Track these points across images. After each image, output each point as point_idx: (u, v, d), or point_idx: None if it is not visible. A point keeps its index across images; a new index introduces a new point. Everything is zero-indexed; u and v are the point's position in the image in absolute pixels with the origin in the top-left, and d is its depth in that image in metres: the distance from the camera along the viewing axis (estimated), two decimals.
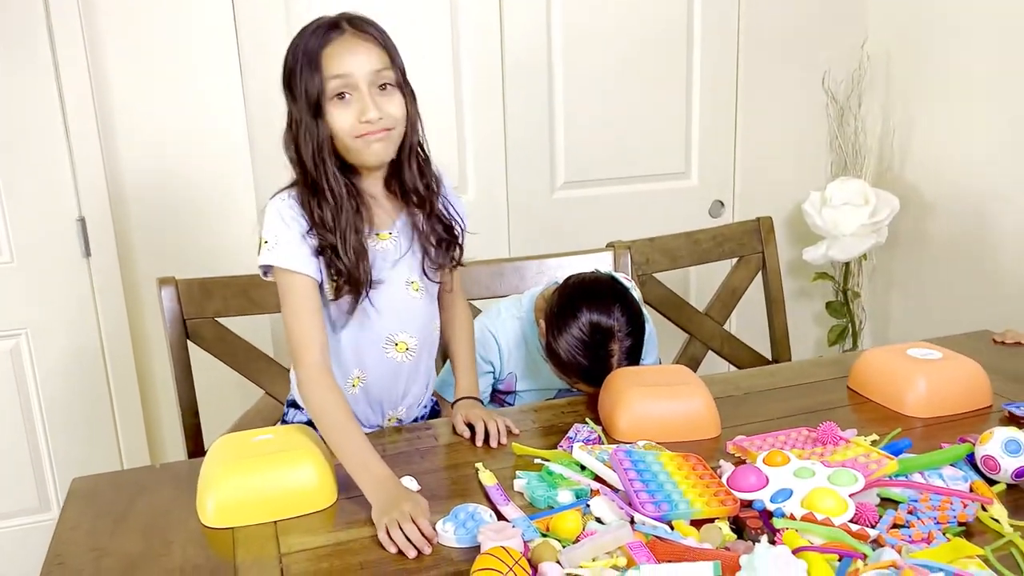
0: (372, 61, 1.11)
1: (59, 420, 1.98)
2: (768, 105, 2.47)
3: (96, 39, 1.87)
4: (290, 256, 1.13)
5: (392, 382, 1.28)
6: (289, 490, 1.03)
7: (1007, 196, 2.16)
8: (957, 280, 2.33)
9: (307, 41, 1.12)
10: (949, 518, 0.94)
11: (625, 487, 1.00)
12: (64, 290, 1.93)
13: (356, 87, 1.11)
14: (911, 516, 0.95)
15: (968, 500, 0.97)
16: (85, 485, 1.13)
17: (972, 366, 1.29)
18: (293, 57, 1.13)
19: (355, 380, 1.26)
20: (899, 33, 2.42)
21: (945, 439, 1.15)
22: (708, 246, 1.88)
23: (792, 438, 1.15)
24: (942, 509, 0.96)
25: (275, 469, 1.04)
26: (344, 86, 1.10)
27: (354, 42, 1.11)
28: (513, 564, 0.83)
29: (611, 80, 2.31)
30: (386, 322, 1.23)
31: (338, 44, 1.11)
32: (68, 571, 0.93)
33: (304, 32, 1.13)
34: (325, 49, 1.10)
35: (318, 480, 1.04)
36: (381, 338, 1.24)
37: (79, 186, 1.89)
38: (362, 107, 1.11)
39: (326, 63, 1.10)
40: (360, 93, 1.11)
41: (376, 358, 1.25)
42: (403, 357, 1.26)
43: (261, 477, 1.03)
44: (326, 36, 1.11)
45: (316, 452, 1.07)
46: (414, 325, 1.26)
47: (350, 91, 1.11)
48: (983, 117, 2.20)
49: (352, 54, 1.11)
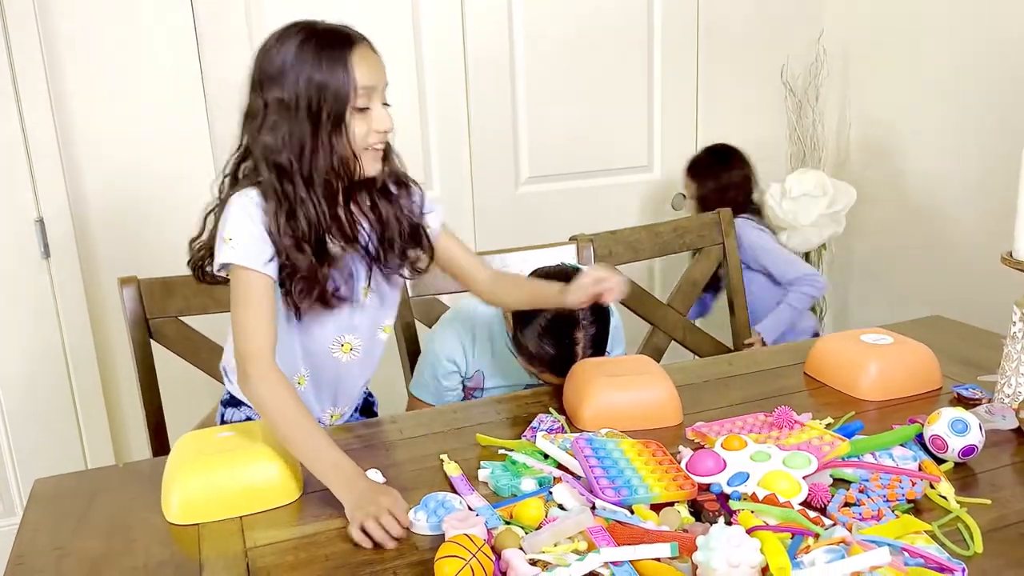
0: (385, 74, 1.12)
1: (21, 423, 1.96)
2: (728, 98, 2.50)
3: (53, 37, 1.84)
4: (251, 255, 1.10)
5: (335, 380, 1.29)
6: (254, 485, 1.03)
7: (958, 186, 2.22)
8: (912, 267, 2.39)
9: (320, 45, 1.07)
10: (898, 496, 0.97)
11: (586, 473, 1.01)
12: (24, 291, 1.90)
13: (374, 98, 1.11)
14: (861, 495, 0.98)
15: (916, 479, 1.00)
16: (47, 486, 1.12)
17: (922, 350, 1.33)
18: (292, 61, 1.07)
19: (300, 379, 1.27)
20: (855, 27, 2.47)
21: (897, 421, 1.18)
22: (669, 238, 1.90)
23: (749, 423, 1.18)
24: (891, 488, 0.99)
25: (239, 465, 1.04)
26: (368, 97, 1.10)
27: (371, 53, 1.11)
28: (476, 551, 0.84)
29: (573, 75, 2.33)
30: (335, 325, 1.23)
31: (361, 54, 1.09)
32: (29, 571, 0.93)
33: (306, 36, 1.08)
34: (352, 57, 1.08)
35: (282, 475, 1.05)
36: (328, 339, 1.25)
37: (37, 187, 1.87)
38: (379, 118, 1.11)
39: (356, 72, 1.08)
40: (376, 104, 1.11)
41: (322, 358, 1.26)
42: (348, 357, 1.27)
43: (225, 473, 1.03)
44: (346, 44, 1.08)
45: (281, 448, 1.08)
46: (362, 327, 1.26)
47: (371, 102, 1.11)
48: (935, 110, 2.26)
49: (373, 66, 1.10)
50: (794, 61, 2.51)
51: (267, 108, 1.09)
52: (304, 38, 1.08)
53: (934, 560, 0.83)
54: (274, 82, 1.08)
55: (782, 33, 2.50)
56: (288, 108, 1.08)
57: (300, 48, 1.07)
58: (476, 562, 0.83)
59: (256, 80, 1.11)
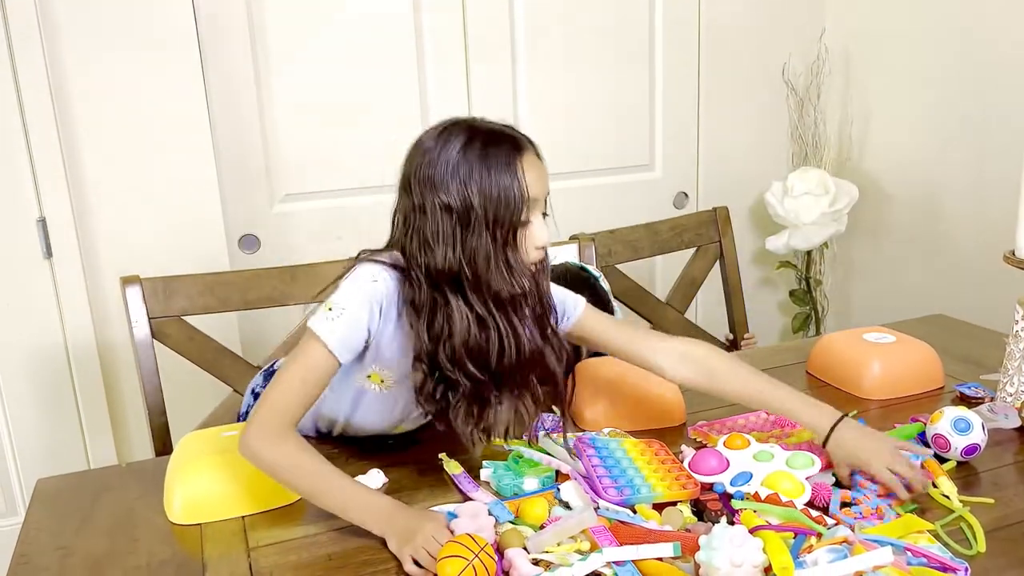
0: (548, 183, 1.03)
1: (24, 423, 1.96)
2: (730, 97, 2.50)
3: (54, 36, 1.84)
4: (341, 338, 0.99)
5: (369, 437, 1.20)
6: (256, 486, 1.03)
7: (961, 185, 2.21)
8: (914, 266, 2.39)
9: (488, 149, 0.98)
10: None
11: (588, 473, 1.02)
12: (26, 291, 1.90)
13: (536, 210, 1.02)
14: (856, 493, 0.98)
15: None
16: (50, 486, 1.13)
17: (925, 349, 1.33)
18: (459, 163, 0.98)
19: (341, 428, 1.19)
20: (856, 25, 2.46)
21: (899, 420, 1.18)
22: (667, 236, 1.90)
23: (751, 421, 1.18)
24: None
25: (242, 465, 1.04)
26: (531, 209, 1.00)
27: (536, 160, 1.02)
28: (479, 551, 0.84)
29: (574, 74, 2.32)
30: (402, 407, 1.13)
31: (528, 160, 1.00)
32: (33, 570, 0.93)
33: (470, 136, 0.99)
34: (519, 163, 0.98)
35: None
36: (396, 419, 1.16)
37: (39, 186, 1.87)
38: (539, 234, 1.01)
39: (524, 179, 0.98)
40: (538, 217, 1.02)
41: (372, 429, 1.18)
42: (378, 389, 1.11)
43: (228, 473, 1.03)
44: (515, 148, 0.99)
45: None
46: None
47: (532, 215, 1.01)
48: (938, 108, 2.25)
49: (537, 172, 1.01)
50: (796, 59, 2.51)
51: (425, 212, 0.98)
52: (469, 138, 0.99)
53: (937, 560, 0.84)
54: (441, 188, 0.97)
55: (784, 31, 2.50)
56: (461, 218, 0.97)
57: (466, 149, 0.98)
58: (479, 562, 0.83)
59: (414, 183, 1.00)
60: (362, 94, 2.12)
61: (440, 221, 0.97)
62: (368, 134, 2.12)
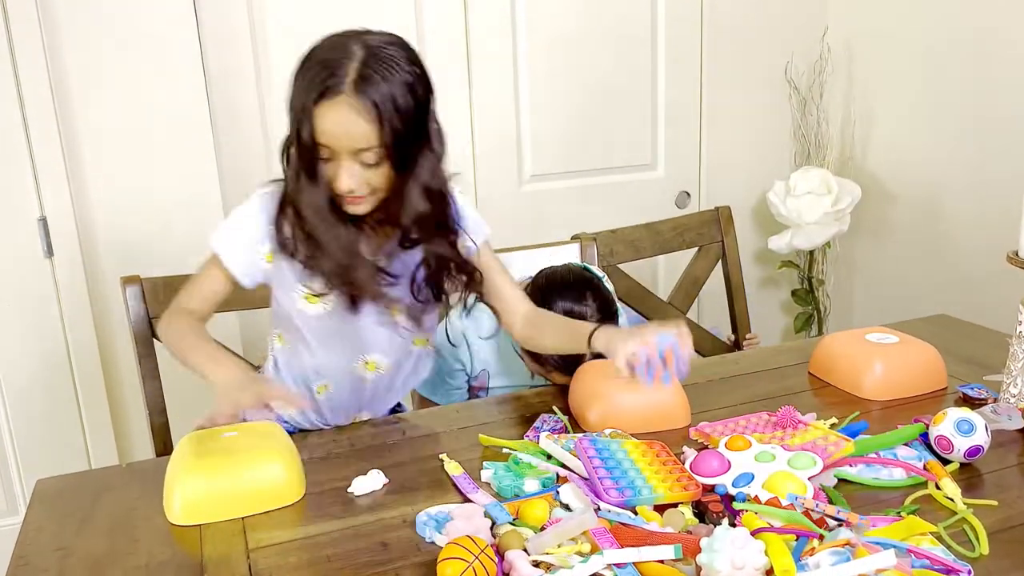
0: (359, 139, 1.02)
1: (25, 423, 1.96)
2: (732, 96, 2.50)
3: (55, 34, 1.84)
4: (229, 248, 1.16)
5: (355, 394, 1.28)
6: (256, 487, 1.02)
7: (963, 184, 2.21)
8: (917, 266, 2.38)
9: (305, 77, 1.03)
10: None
11: (589, 474, 1.01)
12: (26, 291, 1.90)
13: (337, 156, 1.05)
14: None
15: (915, 473, 1.00)
16: (50, 486, 1.12)
17: (928, 350, 1.32)
18: (293, 87, 1.05)
19: (320, 387, 1.27)
20: (859, 25, 2.46)
21: (902, 421, 1.18)
22: (669, 236, 1.90)
23: (753, 423, 1.18)
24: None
25: (241, 466, 1.04)
26: (328, 153, 1.05)
27: (347, 114, 1.01)
28: (479, 553, 0.84)
29: (576, 73, 2.32)
30: (360, 342, 1.23)
31: (331, 108, 1.01)
32: (32, 571, 0.93)
33: (311, 60, 1.04)
34: (317, 108, 1.01)
35: (286, 476, 1.04)
36: (353, 356, 1.24)
37: (40, 186, 1.87)
38: (334, 177, 1.06)
39: (317, 123, 1.02)
40: (338, 162, 1.05)
41: (343, 371, 1.25)
42: (372, 375, 1.27)
43: (228, 474, 1.03)
44: (323, 90, 1.01)
45: (284, 448, 1.07)
46: (389, 347, 1.25)
47: (332, 157, 1.05)
48: (940, 107, 2.25)
49: (340, 125, 1.02)
50: (798, 59, 2.50)
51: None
52: (302, 61, 1.05)
53: (940, 562, 0.83)
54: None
55: (786, 30, 2.49)
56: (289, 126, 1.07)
57: (298, 71, 1.05)
58: (479, 564, 0.83)
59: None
60: None
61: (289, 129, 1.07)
62: None
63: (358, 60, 1.01)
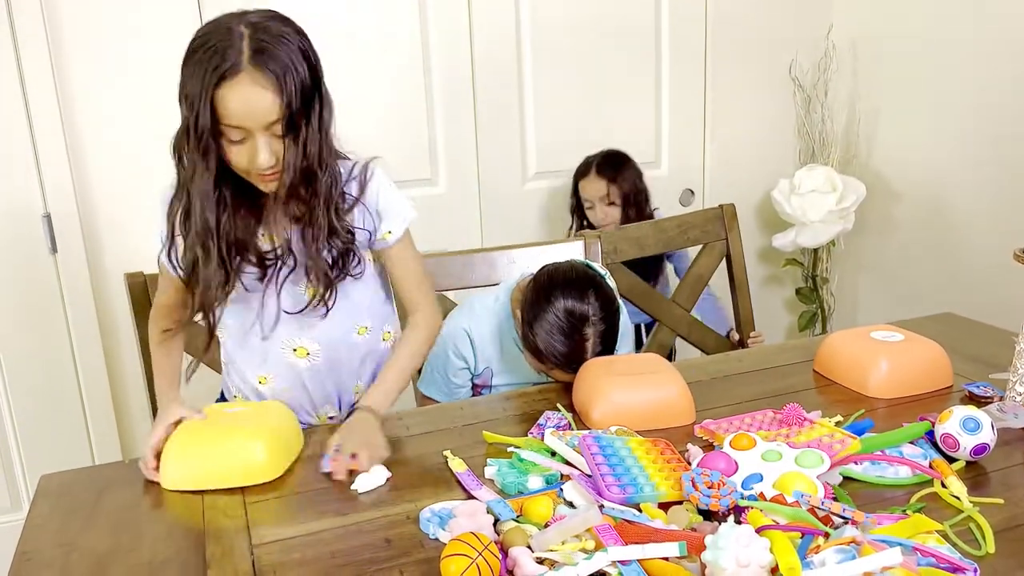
0: (268, 112, 1.03)
1: (29, 419, 1.96)
2: (736, 94, 2.49)
3: (59, 34, 1.84)
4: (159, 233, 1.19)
5: (296, 385, 1.28)
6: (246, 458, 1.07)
7: (969, 182, 2.20)
8: (922, 264, 2.37)
9: (198, 66, 1.02)
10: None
11: (592, 471, 1.01)
12: (31, 287, 1.91)
13: (250, 134, 1.05)
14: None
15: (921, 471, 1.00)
16: (54, 482, 1.12)
17: (934, 348, 1.31)
18: (184, 79, 1.05)
19: (260, 378, 1.28)
20: (864, 22, 2.45)
21: (907, 419, 1.17)
22: (673, 234, 1.89)
23: (758, 420, 1.17)
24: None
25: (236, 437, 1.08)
26: (239, 135, 1.05)
27: (251, 89, 1.01)
28: (483, 549, 0.84)
29: (580, 71, 2.31)
30: (281, 326, 1.23)
31: (233, 88, 1.01)
32: (36, 567, 0.93)
33: (198, 49, 1.03)
34: (219, 90, 1.01)
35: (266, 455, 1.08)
36: (279, 342, 1.25)
37: (44, 183, 1.87)
38: (251, 156, 1.06)
39: (220, 105, 1.02)
40: (254, 140, 1.05)
41: (276, 360, 1.26)
42: (305, 363, 1.27)
43: (221, 443, 1.08)
44: (221, 73, 1.01)
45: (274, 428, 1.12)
46: (313, 331, 1.25)
47: (244, 136, 1.05)
48: (946, 105, 2.24)
49: (247, 102, 1.02)
50: (803, 56, 2.49)
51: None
52: (192, 46, 1.04)
53: (946, 560, 0.83)
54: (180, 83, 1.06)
55: (791, 28, 2.49)
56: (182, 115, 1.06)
57: (186, 57, 1.05)
58: (483, 560, 0.83)
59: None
60: (367, 92, 2.11)
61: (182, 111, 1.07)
62: (373, 132, 2.12)
63: (247, 37, 1.02)
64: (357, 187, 1.20)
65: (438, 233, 2.20)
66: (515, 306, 1.45)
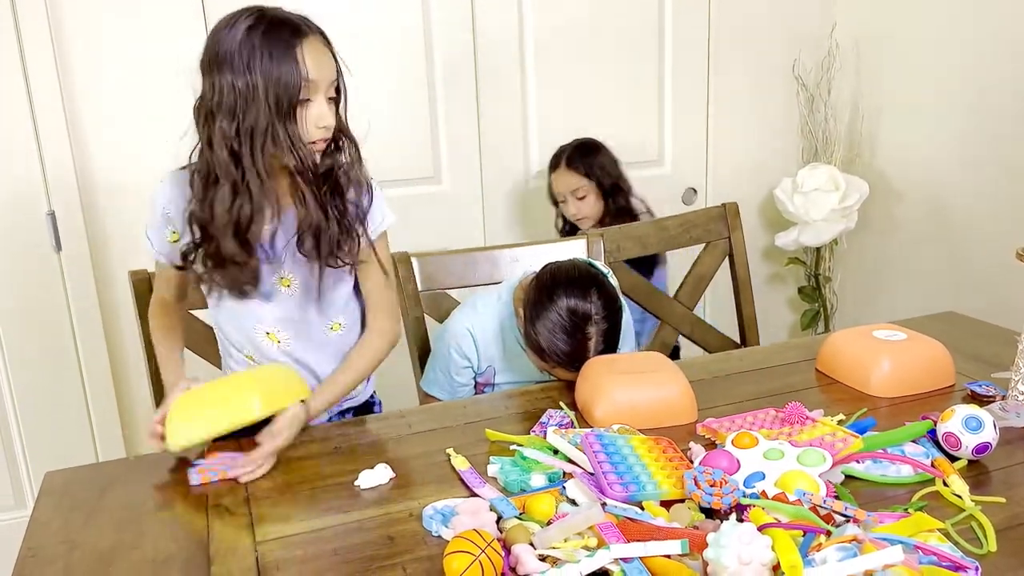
0: (332, 70, 1.12)
1: (33, 416, 1.97)
2: (739, 92, 2.49)
3: (63, 33, 1.85)
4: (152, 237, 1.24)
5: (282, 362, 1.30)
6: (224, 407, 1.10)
7: (972, 181, 2.20)
8: (924, 263, 2.37)
9: (272, 38, 1.07)
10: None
11: (595, 469, 1.01)
12: (35, 284, 1.91)
13: (318, 93, 1.11)
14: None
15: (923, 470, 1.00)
16: (58, 479, 1.13)
17: (936, 347, 1.31)
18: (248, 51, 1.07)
19: (247, 355, 1.31)
20: (867, 20, 2.44)
21: (909, 418, 1.17)
22: (676, 232, 1.89)
23: (760, 418, 1.18)
24: None
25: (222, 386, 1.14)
26: (312, 91, 1.10)
27: (321, 47, 1.11)
28: (485, 546, 0.84)
29: (583, 68, 2.32)
30: (254, 310, 1.26)
31: (310, 46, 1.09)
32: (41, 563, 0.93)
33: (255, 22, 1.08)
34: (298, 48, 1.07)
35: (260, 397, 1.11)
36: (252, 324, 1.28)
37: (48, 180, 1.88)
38: (320, 114, 1.11)
39: (303, 62, 1.07)
40: (320, 99, 1.11)
41: (257, 341, 1.29)
42: (277, 349, 1.29)
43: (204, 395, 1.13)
44: (295, 34, 1.08)
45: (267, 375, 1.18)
46: (283, 321, 1.27)
47: (313, 96, 1.10)
48: (949, 104, 2.23)
49: (319, 58, 1.10)
50: (806, 55, 2.49)
51: (221, 92, 1.09)
52: (253, 24, 1.08)
53: (947, 558, 0.83)
54: (226, 66, 1.08)
55: (794, 26, 2.48)
56: (242, 93, 1.08)
57: (249, 33, 1.07)
58: (485, 558, 0.83)
59: (206, 63, 1.11)
60: (371, 90, 2.11)
61: (225, 97, 1.08)
62: (376, 130, 2.12)
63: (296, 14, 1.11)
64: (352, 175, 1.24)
65: (441, 231, 2.21)
66: (518, 304, 1.46)
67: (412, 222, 1.38)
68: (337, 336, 1.31)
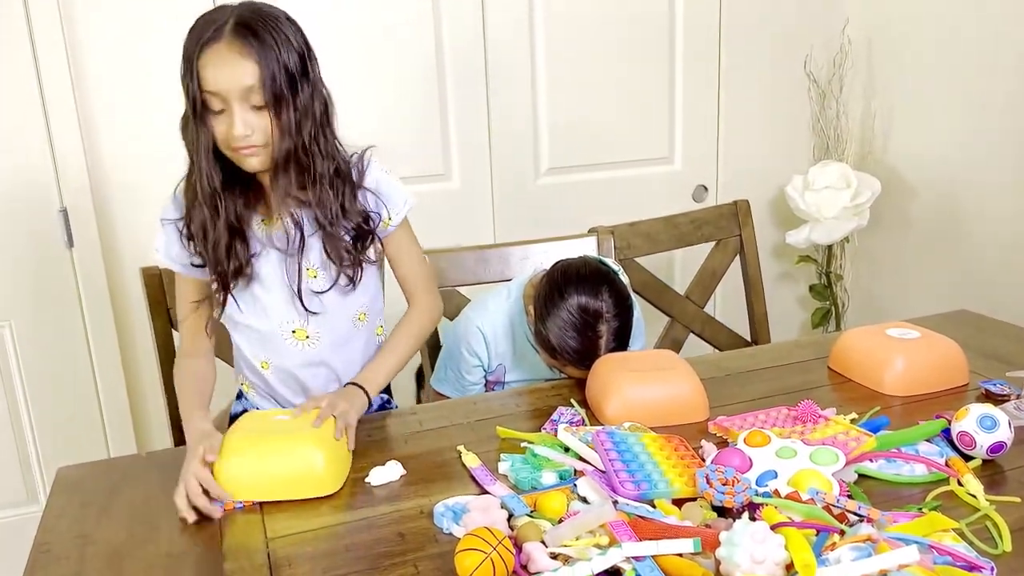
0: (244, 77, 1.06)
1: (45, 412, 1.98)
2: (750, 89, 2.48)
3: (76, 29, 1.85)
4: (163, 249, 1.24)
5: (299, 368, 1.29)
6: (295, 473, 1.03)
7: (985, 179, 2.18)
8: (937, 261, 2.36)
9: (188, 39, 1.08)
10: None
11: (606, 467, 1.01)
12: (48, 281, 1.92)
13: (228, 103, 1.08)
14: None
15: (937, 469, 0.99)
16: (71, 474, 1.13)
17: (950, 345, 1.30)
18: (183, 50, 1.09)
19: (263, 363, 1.30)
20: (880, 17, 2.43)
21: (923, 417, 1.16)
22: (687, 230, 1.89)
23: (772, 416, 1.17)
24: None
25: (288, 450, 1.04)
26: (218, 102, 1.08)
27: (228, 55, 1.06)
28: (497, 544, 0.84)
29: (594, 65, 2.31)
30: (279, 309, 1.25)
31: (212, 54, 1.06)
32: (54, 558, 0.94)
33: (195, 24, 1.09)
34: (200, 59, 1.06)
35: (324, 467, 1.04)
36: (277, 324, 1.26)
37: (60, 177, 1.88)
38: (230, 124, 1.08)
39: (201, 73, 1.06)
40: (231, 110, 1.08)
41: (277, 343, 1.27)
42: (303, 346, 1.27)
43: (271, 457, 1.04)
44: (203, 41, 1.06)
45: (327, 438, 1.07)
46: (315, 316, 1.25)
47: (223, 105, 1.08)
48: (961, 101, 2.22)
49: (223, 67, 1.06)
50: (818, 51, 2.48)
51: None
52: (190, 27, 1.09)
53: (962, 558, 0.82)
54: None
55: (805, 23, 2.47)
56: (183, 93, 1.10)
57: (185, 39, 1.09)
58: (497, 555, 0.83)
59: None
60: (381, 88, 2.11)
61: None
62: (386, 128, 2.12)
63: (235, 12, 1.08)
64: (356, 175, 1.22)
65: (451, 228, 2.20)
66: (528, 302, 1.45)
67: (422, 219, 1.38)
68: (364, 326, 1.31)
